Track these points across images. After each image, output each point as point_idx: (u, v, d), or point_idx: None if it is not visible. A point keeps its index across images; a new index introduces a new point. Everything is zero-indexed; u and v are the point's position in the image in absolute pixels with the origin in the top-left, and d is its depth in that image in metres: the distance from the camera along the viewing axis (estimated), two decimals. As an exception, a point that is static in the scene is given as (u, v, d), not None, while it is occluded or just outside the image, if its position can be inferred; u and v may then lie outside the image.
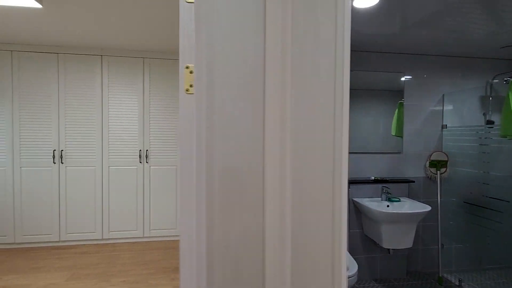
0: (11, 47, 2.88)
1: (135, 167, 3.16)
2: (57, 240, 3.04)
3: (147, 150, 3.17)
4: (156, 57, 3.15)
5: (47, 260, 2.71)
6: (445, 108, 2.56)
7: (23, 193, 2.96)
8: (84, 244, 3.09)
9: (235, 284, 0.48)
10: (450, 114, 2.55)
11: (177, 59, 3.19)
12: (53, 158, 2.99)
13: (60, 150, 3.00)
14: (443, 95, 2.56)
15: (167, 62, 3.18)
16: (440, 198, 2.55)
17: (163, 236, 3.24)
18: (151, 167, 3.19)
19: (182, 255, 0.56)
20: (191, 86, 0.55)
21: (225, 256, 0.50)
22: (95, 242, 3.12)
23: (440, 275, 2.36)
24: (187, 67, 0.55)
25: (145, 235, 3.20)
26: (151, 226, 3.21)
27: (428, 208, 2.11)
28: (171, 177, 3.23)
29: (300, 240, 0.47)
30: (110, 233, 3.13)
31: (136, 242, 3.18)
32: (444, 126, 2.56)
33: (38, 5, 1.88)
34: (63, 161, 3.01)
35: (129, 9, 2.07)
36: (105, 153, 3.08)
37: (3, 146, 2.90)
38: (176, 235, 3.26)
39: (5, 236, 2.95)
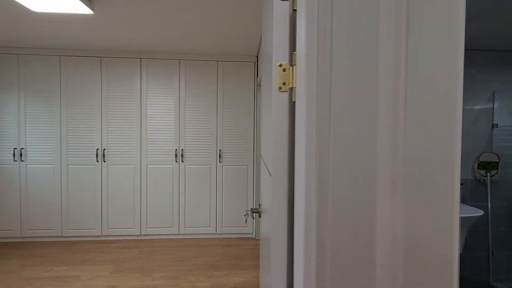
0: (59, 52, 3.07)
1: (171, 166, 3.25)
2: (100, 234, 3.20)
3: (182, 149, 3.25)
4: (191, 59, 3.22)
5: (92, 253, 2.86)
6: (495, 105, 2.40)
7: (70, 189, 3.15)
8: (124, 239, 3.23)
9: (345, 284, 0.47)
10: (501, 112, 2.39)
11: (210, 60, 3.25)
12: (96, 156, 3.15)
13: (102, 149, 3.15)
14: (494, 92, 2.40)
15: (200, 63, 3.24)
16: (490, 202, 2.40)
17: (197, 234, 3.31)
18: (186, 166, 3.27)
19: (275, 253, 0.56)
20: (284, 84, 0.55)
21: (335, 255, 0.49)
22: (134, 238, 3.26)
23: (491, 284, 2.22)
24: (280, 65, 0.55)
25: (180, 232, 3.28)
26: (186, 224, 3.29)
27: (480, 212, 1.99)
28: (205, 176, 3.29)
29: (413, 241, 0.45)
30: (148, 229, 3.25)
31: (171, 239, 3.27)
32: (494, 125, 2.40)
33: (90, 11, 1.98)
34: (105, 160, 3.17)
35: (168, 13, 2.13)
36: (143, 152, 3.20)
37: (52, 145, 3.10)
38: (209, 233, 3.32)
39: (54, 229, 3.15)
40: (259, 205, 1.22)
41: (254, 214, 1.20)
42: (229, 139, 3.30)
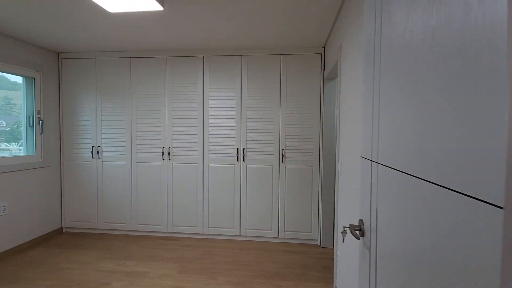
0: (129, 54, 3.20)
1: (232, 165, 3.16)
2: (165, 231, 3.27)
3: (244, 148, 3.14)
4: (253, 54, 3.08)
5: (158, 249, 2.91)
6: None
7: (138, 186, 3.27)
8: (186, 238, 3.25)
9: None
10: None
11: (272, 54, 3.06)
12: (162, 154, 3.21)
13: (168, 147, 3.21)
14: None
15: (263, 58, 3.08)
16: None
17: (258, 236, 3.17)
18: (248, 165, 3.15)
19: None
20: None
21: None
22: (196, 237, 3.25)
23: None
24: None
25: (241, 234, 3.18)
26: (247, 225, 3.17)
27: None
28: (266, 177, 3.13)
29: None
30: (210, 229, 3.21)
31: (232, 240, 3.19)
32: None
33: (160, 8, 1.95)
34: (170, 158, 3.22)
35: (234, 4, 1.99)
36: (205, 151, 3.17)
37: (124, 143, 3.26)
38: (271, 237, 3.15)
39: (124, 223, 3.31)
40: (361, 221, 0.97)
41: (355, 231, 0.96)
42: (293, 137, 3.08)
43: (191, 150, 3.19)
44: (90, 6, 2.06)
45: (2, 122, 2.95)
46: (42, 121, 3.12)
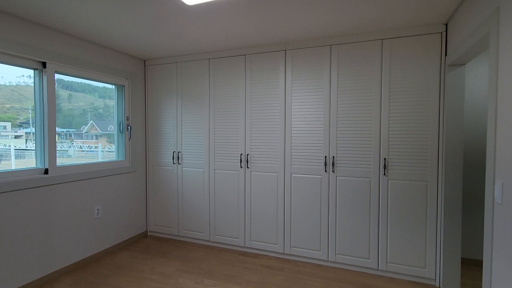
0: (208, 56, 3.04)
1: (319, 176, 2.67)
2: (243, 245, 3.00)
3: (333, 156, 2.61)
4: (345, 41, 2.53)
5: (237, 267, 2.64)
6: None
7: (216, 194, 3.09)
8: (266, 256, 2.90)
9: None
10: None
11: (370, 40, 2.45)
12: (240, 162, 2.95)
13: (246, 154, 2.93)
14: None
15: (358, 46, 2.50)
16: None
17: (352, 265, 2.60)
18: (338, 177, 2.61)
19: None
20: None
21: None
22: (277, 255, 2.88)
23: None
24: None
25: (329, 259, 2.66)
26: (337, 249, 2.63)
27: None
28: (363, 192, 2.53)
29: None
30: (292, 248, 2.79)
31: (320, 265, 2.70)
32: None
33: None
34: (248, 166, 2.93)
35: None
36: (287, 159, 2.77)
37: (202, 149, 3.12)
38: (369, 267, 2.54)
39: (203, 233, 3.17)
40: None
41: None
42: (398, 144, 2.41)
43: (271, 158, 2.83)
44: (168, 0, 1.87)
45: (111, 126, 3.14)
46: (131, 127, 3.22)
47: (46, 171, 2.38)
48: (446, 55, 2.27)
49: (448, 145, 2.24)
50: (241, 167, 2.96)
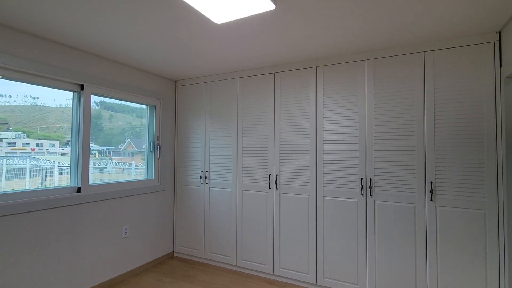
0: (237, 75, 3.03)
1: (355, 200, 2.45)
2: (271, 272, 2.80)
3: (370, 179, 2.39)
4: (382, 56, 2.37)
5: (264, 298, 2.44)
6: None
7: (244, 216, 2.96)
8: (296, 285, 2.67)
9: None
10: None
11: (412, 53, 2.27)
12: (269, 183, 2.81)
13: (275, 174, 2.79)
14: None
15: (396, 60, 2.33)
16: None
17: (395, 302, 2.28)
18: (376, 202, 2.37)
19: None
20: None
21: None
22: (308, 286, 2.63)
23: None
24: None
25: (368, 295, 2.37)
26: (376, 284, 2.34)
27: None
28: (405, 219, 2.26)
29: None
30: (325, 280, 2.54)
31: (357, 300, 2.41)
32: None
33: (272, 6, 1.56)
34: (277, 187, 2.78)
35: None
36: (319, 180, 2.59)
37: (230, 168, 3.04)
38: (416, 307, 2.21)
39: (229, 257, 3.03)
40: None
41: None
42: (447, 166, 2.14)
43: (302, 179, 2.67)
44: (197, 19, 1.87)
45: (145, 144, 3.20)
46: (160, 146, 3.26)
47: (78, 190, 2.43)
48: (501, 66, 2.01)
49: (509, 169, 1.93)
50: (270, 188, 2.82)
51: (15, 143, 2.11)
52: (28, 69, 2.06)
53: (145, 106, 3.22)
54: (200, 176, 3.23)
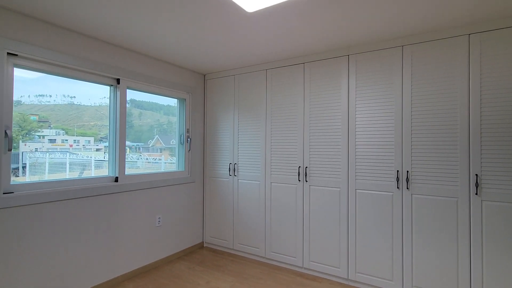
0: (265, 66, 3.00)
1: (390, 193, 2.34)
2: (300, 265, 2.77)
3: (407, 171, 2.27)
4: (421, 40, 2.23)
5: (294, 290, 2.43)
6: None
7: (272, 208, 2.95)
8: (326, 279, 2.62)
9: None
10: None
11: (456, 36, 2.10)
12: (298, 175, 2.78)
13: (304, 167, 2.75)
14: None
15: (437, 44, 2.17)
16: None
17: (433, 301, 2.17)
18: (413, 195, 2.25)
19: None
20: None
21: None
22: (339, 281, 2.58)
23: None
24: None
25: (404, 292, 2.27)
26: (414, 281, 2.24)
27: None
28: (446, 215, 2.13)
29: None
30: (357, 275, 2.47)
31: (392, 297, 2.32)
32: None
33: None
34: (307, 179, 2.74)
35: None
36: (351, 173, 2.51)
37: (258, 160, 3.04)
38: (457, 307, 2.08)
39: (258, 248, 3.04)
40: None
41: None
42: (495, 156, 1.98)
43: (333, 171, 2.60)
44: (229, 9, 1.87)
45: (173, 140, 3.30)
46: (190, 138, 3.33)
47: (116, 179, 2.55)
48: (561, 46, 1.81)
49: None
50: (299, 180, 2.78)
51: (55, 139, 2.27)
52: (69, 63, 2.18)
53: (172, 104, 3.30)
54: (229, 168, 3.26)
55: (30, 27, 1.97)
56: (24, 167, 2.12)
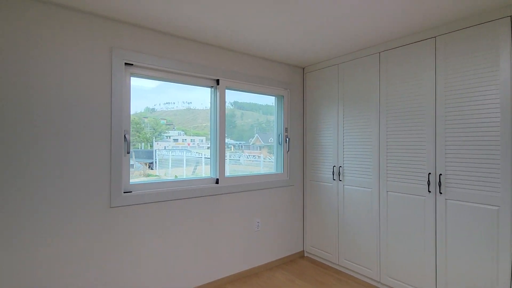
0: (377, 49, 2.46)
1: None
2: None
3: (440, 174, 1.36)
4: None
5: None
6: None
7: (390, 222, 2.38)
8: (476, 330, 1.91)
9: None
10: None
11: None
12: (428, 185, 2.13)
13: (437, 174, 2.08)
14: None
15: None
16: None
17: None
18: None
19: None
20: None
21: None
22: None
23: None
24: None
25: None
26: None
27: None
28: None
29: None
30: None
31: None
32: None
33: None
34: (442, 190, 2.06)
35: None
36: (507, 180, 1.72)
37: (369, 163, 2.52)
38: None
39: (370, 270, 2.53)
40: None
41: None
42: None
43: (481, 179, 1.85)
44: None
45: (271, 139, 3.19)
46: (289, 138, 3.09)
47: (217, 181, 2.54)
48: None
49: None
50: (429, 191, 2.13)
51: (177, 139, 2.63)
52: (174, 68, 2.25)
53: (271, 104, 3.12)
54: (332, 171, 2.85)
55: (140, 36, 2.10)
56: (155, 162, 2.49)
